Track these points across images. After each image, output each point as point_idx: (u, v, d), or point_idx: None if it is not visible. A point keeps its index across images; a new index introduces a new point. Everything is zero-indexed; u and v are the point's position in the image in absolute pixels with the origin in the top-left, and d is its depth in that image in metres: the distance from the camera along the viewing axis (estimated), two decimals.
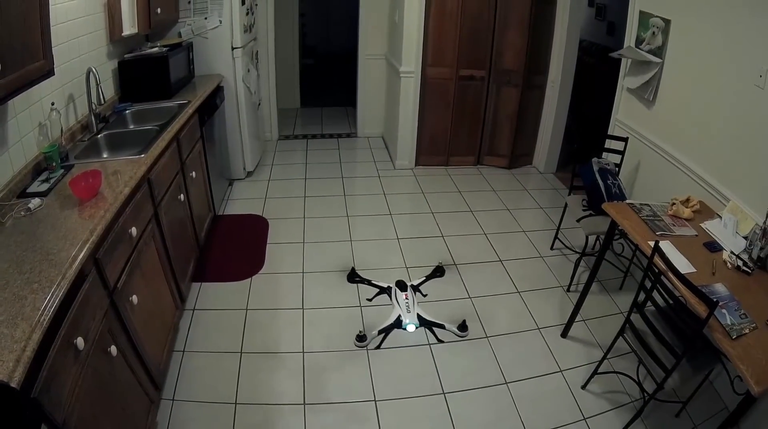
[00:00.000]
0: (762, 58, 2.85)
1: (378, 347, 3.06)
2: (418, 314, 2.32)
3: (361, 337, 2.91)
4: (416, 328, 2.37)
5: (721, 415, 2.90)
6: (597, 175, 3.74)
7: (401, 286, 2.20)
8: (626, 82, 4.13)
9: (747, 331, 2.13)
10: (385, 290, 2.36)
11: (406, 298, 2.31)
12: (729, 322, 2.16)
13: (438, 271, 2.71)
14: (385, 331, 2.60)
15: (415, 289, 2.35)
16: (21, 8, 2.16)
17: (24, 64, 2.23)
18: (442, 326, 2.55)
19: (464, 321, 2.98)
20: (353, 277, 2.78)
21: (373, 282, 2.56)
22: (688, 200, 3.10)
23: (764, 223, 2.55)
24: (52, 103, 2.88)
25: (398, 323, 2.41)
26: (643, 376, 2.87)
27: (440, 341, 3.06)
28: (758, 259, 2.54)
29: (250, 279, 3.94)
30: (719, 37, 3.20)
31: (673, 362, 2.37)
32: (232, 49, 4.90)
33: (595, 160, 3.84)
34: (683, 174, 3.50)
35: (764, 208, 2.63)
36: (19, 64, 2.18)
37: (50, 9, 2.44)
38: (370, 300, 2.76)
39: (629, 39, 4.11)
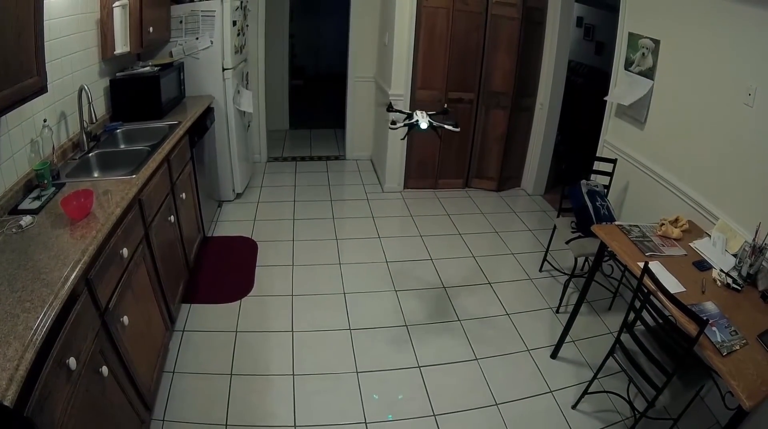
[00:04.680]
0: (750, 76, 2.91)
1: (403, 139, 3.69)
2: (428, 121, 3.11)
3: (393, 122, 3.37)
4: (426, 126, 3.16)
5: None
6: (586, 197, 3.77)
7: (420, 111, 2.87)
8: (618, 100, 4.18)
9: (737, 347, 2.15)
10: (410, 114, 2.95)
11: (421, 113, 3.08)
12: (719, 339, 2.18)
13: (444, 111, 3.27)
14: (409, 126, 3.23)
15: (429, 114, 2.94)
16: (15, 24, 2.16)
17: (17, 80, 2.22)
18: (442, 126, 3.05)
19: (457, 122, 3.39)
20: (390, 107, 3.29)
21: (402, 110, 3.37)
22: (676, 220, 3.14)
23: (753, 240, 2.58)
24: (45, 120, 2.87)
25: (416, 122, 3.16)
26: (633, 394, 2.87)
27: (440, 137, 3.44)
28: (748, 276, 2.57)
29: (239, 301, 3.91)
30: (708, 56, 3.27)
31: (664, 380, 2.38)
32: (223, 70, 4.92)
33: (583, 182, 3.88)
34: (672, 194, 3.54)
35: (753, 225, 2.67)
36: (12, 79, 2.17)
37: (44, 24, 2.43)
38: (394, 125, 3.37)
39: (618, 61, 4.17)
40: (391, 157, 5.96)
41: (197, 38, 4.76)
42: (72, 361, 1.82)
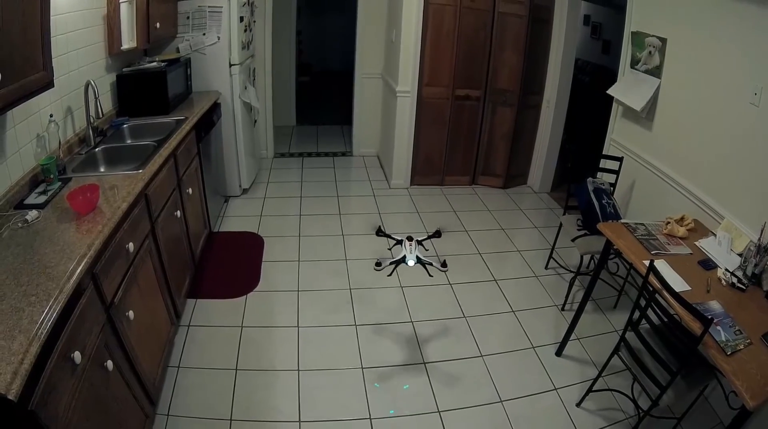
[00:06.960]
0: (757, 76, 2.90)
1: (389, 275, 3.71)
2: (416, 255, 3.07)
3: (378, 263, 3.36)
4: (414, 263, 3.13)
5: None
6: (592, 195, 3.76)
7: (409, 238, 2.86)
8: (621, 97, 4.17)
9: (742, 346, 2.14)
10: (399, 241, 2.93)
11: (410, 245, 2.91)
12: (724, 338, 2.17)
13: (437, 233, 3.27)
14: (395, 263, 3.23)
15: (419, 242, 2.96)
16: (22, 19, 2.17)
17: (24, 75, 2.22)
18: (430, 263, 3.08)
19: (445, 260, 3.51)
20: (379, 232, 3.31)
21: (392, 235, 3.30)
22: (682, 219, 3.12)
23: (758, 240, 2.57)
24: (51, 115, 2.88)
25: (403, 258, 3.14)
26: (637, 393, 2.86)
27: (431, 276, 3.60)
28: (752, 276, 2.56)
29: (245, 296, 3.92)
30: (715, 56, 3.25)
31: (668, 379, 2.37)
32: (230, 65, 4.92)
33: (589, 179, 3.87)
34: (678, 193, 3.53)
35: (758, 225, 2.66)
36: (19, 74, 2.18)
37: (51, 19, 2.44)
38: (390, 249, 3.52)
39: (624, 59, 4.16)
40: (397, 153, 5.96)
41: (204, 34, 4.76)
42: (77, 355, 1.82)
